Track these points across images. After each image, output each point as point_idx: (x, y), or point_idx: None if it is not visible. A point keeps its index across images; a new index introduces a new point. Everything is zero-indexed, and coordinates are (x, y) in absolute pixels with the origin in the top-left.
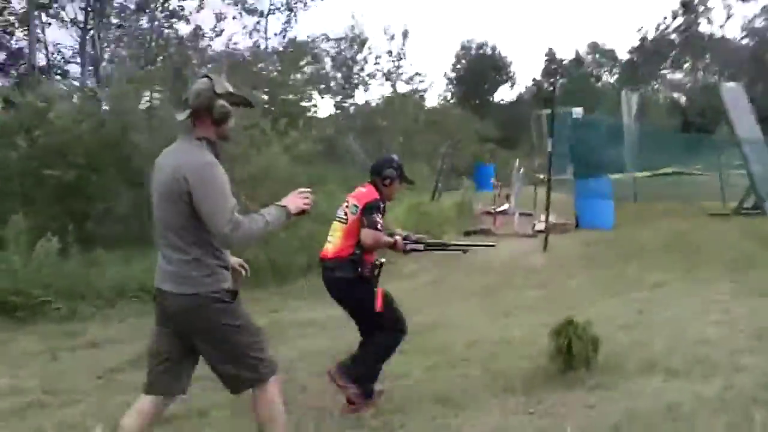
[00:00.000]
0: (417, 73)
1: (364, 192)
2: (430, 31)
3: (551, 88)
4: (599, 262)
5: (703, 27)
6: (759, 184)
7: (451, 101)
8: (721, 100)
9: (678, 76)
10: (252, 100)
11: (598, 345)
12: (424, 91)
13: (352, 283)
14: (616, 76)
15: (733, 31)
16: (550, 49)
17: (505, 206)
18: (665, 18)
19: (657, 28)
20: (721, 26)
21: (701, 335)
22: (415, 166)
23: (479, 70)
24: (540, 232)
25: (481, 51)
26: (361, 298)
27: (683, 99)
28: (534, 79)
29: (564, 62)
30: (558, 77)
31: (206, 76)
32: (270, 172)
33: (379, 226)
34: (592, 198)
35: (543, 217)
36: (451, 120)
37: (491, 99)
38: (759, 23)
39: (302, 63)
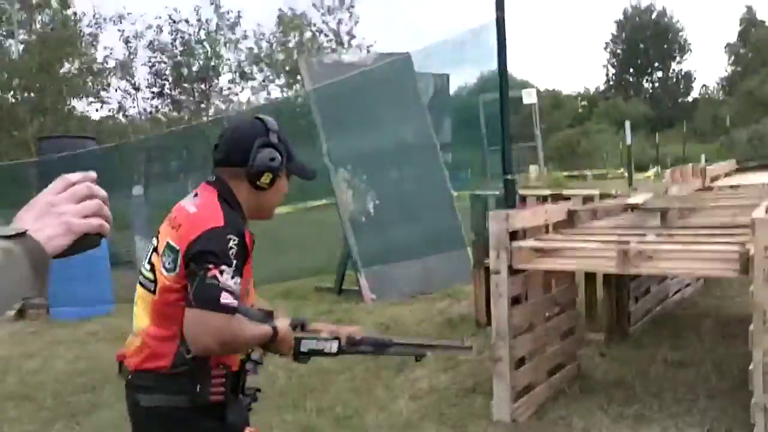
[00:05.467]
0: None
1: (194, 212)
2: None
3: None
4: None
5: None
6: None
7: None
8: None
9: None
10: None
11: None
12: None
13: (178, 420)
14: None
15: None
16: (749, 8)
17: None
18: None
19: None
20: None
21: None
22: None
23: (640, 39)
24: None
25: (644, 17)
26: None
27: None
28: (728, 44)
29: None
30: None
31: None
32: None
33: (227, 299)
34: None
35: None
36: None
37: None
38: None
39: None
